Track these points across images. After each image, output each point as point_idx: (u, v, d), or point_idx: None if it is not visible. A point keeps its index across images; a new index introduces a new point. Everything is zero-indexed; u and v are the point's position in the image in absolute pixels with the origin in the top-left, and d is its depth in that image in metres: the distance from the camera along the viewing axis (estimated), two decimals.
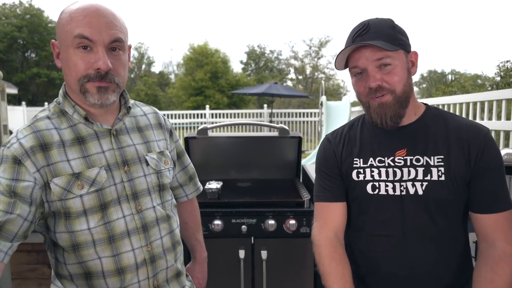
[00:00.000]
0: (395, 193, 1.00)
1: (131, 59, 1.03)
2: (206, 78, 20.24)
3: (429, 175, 0.98)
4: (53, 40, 0.97)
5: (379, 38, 0.95)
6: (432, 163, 0.98)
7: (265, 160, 2.39)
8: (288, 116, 11.76)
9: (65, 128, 0.96)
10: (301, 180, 2.47)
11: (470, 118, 4.02)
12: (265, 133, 2.53)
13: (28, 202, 0.89)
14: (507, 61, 5.48)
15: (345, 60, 1.03)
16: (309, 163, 6.94)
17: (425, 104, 1.07)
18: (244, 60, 27.93)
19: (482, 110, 3.84)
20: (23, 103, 13.44)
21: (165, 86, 31.98)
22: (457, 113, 4.34)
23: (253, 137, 2.50)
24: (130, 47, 1.01)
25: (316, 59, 25.89)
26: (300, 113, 11.85)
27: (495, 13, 45.46)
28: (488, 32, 47.05)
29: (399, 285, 1.02)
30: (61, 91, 1.01)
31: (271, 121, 11.01)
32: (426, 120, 1.02)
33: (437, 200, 0.98)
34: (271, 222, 1.99)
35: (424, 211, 0.99)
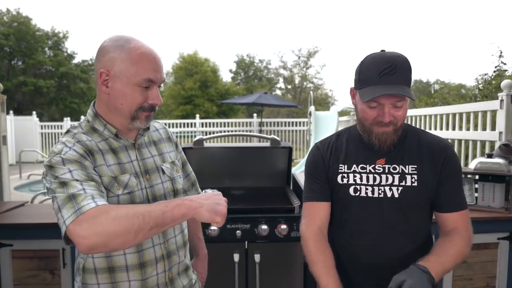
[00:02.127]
0: (374, 196, 1.16)
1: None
2: (196, 87, 20.33)
3: (404, 181, 1.15)
4: (102, 70, 1.06)
5: (404, 82, 1.07)
6: (407, 171, 1.15)
7: (257, 169, 2.53)
8: (278, 126, 11.95)
9: (99, 141, 1.10)
10: (291, 188, 2.61)
11: (450, 127, 4.23)
12: (257, 143, 2.67)
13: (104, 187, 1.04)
14: (485, 74, 5.79)
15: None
16: (298, 171, 7.08)
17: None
18: (234, 69, 28.17)
19: (461, 120, 4.06)
20: (11, 112, 13.34)
21: None
22: (438, 123, 4.55)
23: (246, 147, 2.64)
24: None
25: (304, 69, 26.27)
26: (289, 122, 12.05)
27: (478, 26, 46.81)
28: (472, 43, 48.34)
29: (376, 273, 1.17)
30: (90, 111, 1.14)
31: (260, 130, 11.16)
32: (401, 134, 1.18)
33: (410, 202, 1.16)
34: (264, 227, 2.13)
35: (399, 211, 1.16)
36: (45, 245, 2.19)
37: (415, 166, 1.15)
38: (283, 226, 2.12)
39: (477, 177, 2.60)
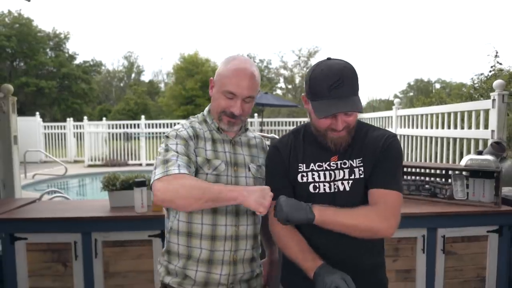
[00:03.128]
0: (330, 191, 1.23)
1: (122, 68, 1.38)
2: (197, 87, 20.46)
3: (353, 174, 1.23)
4: (211, 78, 1.41)
5: (352, 93, 1.14)
6: (355, 165, 1.23)
7: None
8: (278, 125, 12.08)
9: (206, 130, 1.39)
10: None
11: (445, 126, 4.34)
12: None
13: (194, 162, 1.31)
14: (481, 74, 5.90)
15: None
16: None
17: None
18: None
19: (456, 119, 4.17)
20: None
21: (154, 95, 31.98)
22: (434, 122, 4.66)
23: None
24: (259, 91, 1.40)
25: (305, 68, 26.37)
26: (289, 121, 12.18)
27: (478, 26, 46.81)
28: (473, 42, 48.37)
29: (335, 261, 1.20)
30: (207, 108, 1.46)
31: (261, 130, 11.28)
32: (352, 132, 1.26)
33: (359, 194, 1.22)
34: None
35: (351, 203, 1.20)
36: (58, 238, 2.31)
37: (361, 159, 1.23)
38: None
39: (468, 173, 2.72)
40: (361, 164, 1.23)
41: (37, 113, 12.92)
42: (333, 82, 1.13)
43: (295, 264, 1.22)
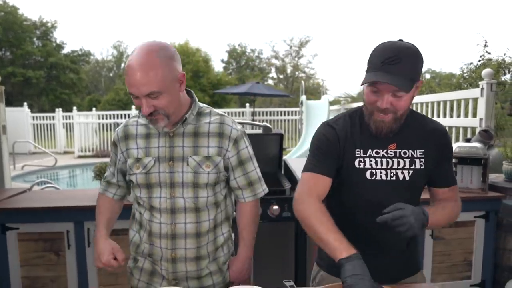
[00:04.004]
0: (387, 179, 1.22)
1: (111, 57, 1.18)
2: (188, 77, 19.98)
3: (413, 164, 1.23)
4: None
5: (404, 74, 1.08)
6: (415, 155, 1.23)
7: None
8: (270, 115, 12.07)
9: (144, 125, 1.33)
10: (282, 173, 2.75)
11: (435, 114, 4.40)
12: (250, 130, 2.78)
13: (118, 171, 1.41)
14: (470, 63, 5.96)
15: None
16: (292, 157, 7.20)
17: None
18: (225, 59, 28.10)
19: (445, 107, 4.22)
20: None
21: None
22: (424, 110, 4.72)
23: None
24: (182, 75, 1.21)
25: (296, 58, 26.36)
26: (281, 111, 12.18)
27: (467, 16, 47.05)
28: (462, 32, 48.66)
29: (385, 248, 1.25)
30: None
31: (253, 120, 11.27)
32: (409, 121, 1.25)
33: (418, 184, 1.25)
34: None
35: (409, 192, 1.24)
36: (49, 227, 2.30)
37: (422, 151, 1.23)
38: (275, 207, 2.26)
39: (457, 160, 2.77)
40: (423, 156, 1.24)
41: (25, 103, 12.70)
42: (388, 57, 1.09)
43: None
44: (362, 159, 1.23)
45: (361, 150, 1.23)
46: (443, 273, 2.56)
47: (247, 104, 12.42)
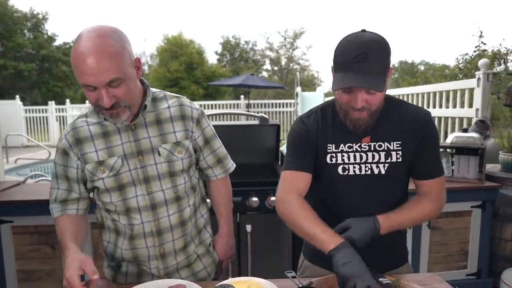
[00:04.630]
0: (362, 173, 1.18)
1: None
2: (181, 69, 20.11)
3: (389, 157, 1.18)
4: None
5: (376, 71, 1.04)
6: (392, 148, 1.18)
7: (247, 146, 2.63)
8: (265, 107, 12.04)
9: (96, 123, 1.20)
10: (279, 164, 2.73)
11: (431, 105, 4.40)
12: (247, 121, 2.76)
13: (77, 181, 1.23)
14: (466, 54, 5.97)
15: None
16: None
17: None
18: (219, 51, 27.89)
19: (441, 98, 4.22)
20: None
21: None
22: (419, 101, 4.72)
23: (235, 125, 2.74)
24: (138, 60, 1.12)
25: (291, 50, 26.23)
26: (276, 103, 12.15)
27: (461, 7, 47.05)
28: (456, 23, 48.71)
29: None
30: None
31: (248, 111, 11.23)
32: (386, 111, 1.19)
33: (395, 177, 1.20)
34: (255, 199, 2.25)
35: (386, 186, 1.21)
36: (44, 220, 2.27)
37: (400, 142, 1.18)
38: (273, 198, 2.25)
39: (454, 150, 2.77)
40: (400, 148, 1.18)
41: (17, 96, 12.53)
42: (356, 54, 1.03)
43: None
44: (333, 154, 1.20)
45: (333, 145, 1.20)
46: (440, 263, 2.57)
47: (242, 96, 12.36)
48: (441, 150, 2.75)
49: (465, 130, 2.79)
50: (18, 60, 23.09)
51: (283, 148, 6.63)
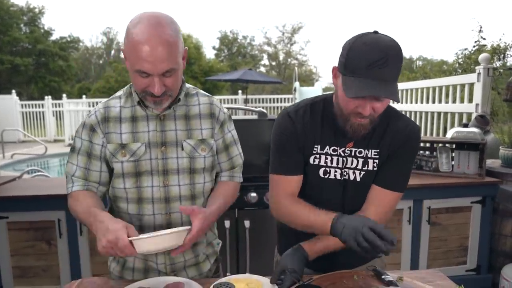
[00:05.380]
0: (339, 178, 1.16)
1: (101, 44, 1.07)
2: None
3: (366, 165, 1.15)
4: (122, 47, 1.10)
5: (393, 78, 0.99)
6: (369, 155, 1.14)
7: (245, 141, 2.58)
8: (263, 102, 12.00)
9: (128, 107, 1.19)
10: (271, 165, 2.71)
11: (430, 100, 4.37)
12: (245, 116, 2.73)
13: (99, 159, 1.19)
14: (465, 49, 5.94)
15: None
16: None
17: None
18: (217, 46, 27.77)
19: (440, 93, 4.20)
20: None
21: None
22: (418, 97, 4.69)
23: (234, 120, 2.70)
24: (186, 51, 1.12)
25: (289, 45, 26.16)
26: (274, 98, 12.11)
27: (460, 2, 46.95)
28: (454, 19, 48.64)
29: (337, 253, 1.15)
30: None
31: (245, 112, 11.18)
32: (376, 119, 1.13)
33: (368, 186, 1.16)
34: (253, 194, 2.23)
35: (359, 194, 1.16)
36: (40, 216, 2.24)
37: (377, 151, 1.15)
38: None
39: (454, 146, 2.75)
40: (377, 156, 1.15)
41: (13, 91, 12.43)
42: (376, 60, 0.95)
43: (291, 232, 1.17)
44: (317, 156, 1.16)
45: (319, 146, 1.16)
46: (439, 259, 2.56)
47: (240, 91, 12.32)
48: (440, 145, 2.74)
49: (466, 125, 2.77)
50: (14, 54, 22.91)
51: None
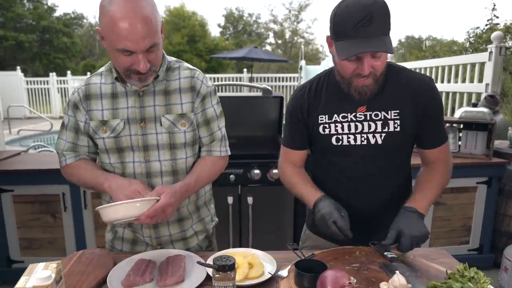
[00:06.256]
0: (357, 143, 1.15)
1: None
2: (183, 42, 19.80)
3: (386, 127, 1.13)
4: (97, 28, 1.06)
5: (382, 32, 1.00)
6: (389, 117, 1.13)
7: (249, 118, 2.58)
8: (268, 81, 11.87)
9: (108, 83, 1.19)
10: (282, 136, 2.68)
11: (439, 80, 4.29)
12: (250, 93, 2.69)
13: (85, 134, 1.21)
14: (477, 28, 5.77)
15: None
16: None
17: None
18: (222, 24, 27.32)
19: (450, 73, 4.11)
20: None
21: None
22: (427, 75, 4.59)
23: (238, 97, 2.67)
24: (162, 23, 1.09)
25: (295, 23, 25.65)
26: (279, 77, 11.97)
27: None
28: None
29: (361, 215, 1.18)
30: None
31: (250, 89, 11.09)
32: (385, 79, 1.13)
33: (393, 147, 1.15)
34: (256, 171, 2.22)
35: (383, 157, 1.17)
36: (45, 190, 2.26)
37: (397, 111, 1.13)
38: (275, 171, 2.22)
39: (461, 125, 2.71)
40: (398, 117, 1.14)
41: (18, 67, 12.40)
42: (360, 19, 0.98)
43: None
44: (326, 125, 1.19)
45: (326, 116, 1.19)
46: (442, 238, 2.57)
47: (245, 70, 12.18)
48: (447, 125, 2.69)
49: (475, 105, 2.72)
50: (18, 31, 22.74)
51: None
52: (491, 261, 2.60)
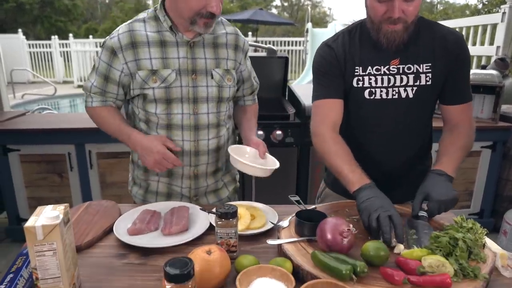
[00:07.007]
0: (388, 97, 1.14)
1: None
2: None
3: (418, 80, 1.12)
4: None
5: None
6: (421, 70, 1.12)
7: None
8: (273, 44, 11.62)
9: (155, 32, 1.15)
10: (286, 98, 2.66)
11: None
12: (254, 53, 2.65)
13: (117, 84, 1.19)
14: None
15: None
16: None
17: None
18: None
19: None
20: None
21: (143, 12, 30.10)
22: None
23: None
24: None
25: None
26: (285, 41, 11.72)
27: None
28: None
29: (387, 168, 1.21)
30: (160, 2, 1.17)
31: (255, 50, 10.90)
32: (417, 31, 1.11)
33: (423, 101, 1.15)
34: (260, 133, 2.22)
35: (413, 111, 1.15)
36: (51, 149, 2.28)
37: (429, 64, 1.12)
38: (278, 132, 2.22)
39: None
40: (429, 70, 1.12)
41: (20, 30, 12.20)
42: None
43: None
44: (360, 78, 1.15)
45: (360, 68, 1.15)
46: None
47: (250, 33, 11.91)
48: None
49: (484, 67, 2.66)
50: None
51: (293, 84, 6.42)
52: (491, 225, 2.64)
